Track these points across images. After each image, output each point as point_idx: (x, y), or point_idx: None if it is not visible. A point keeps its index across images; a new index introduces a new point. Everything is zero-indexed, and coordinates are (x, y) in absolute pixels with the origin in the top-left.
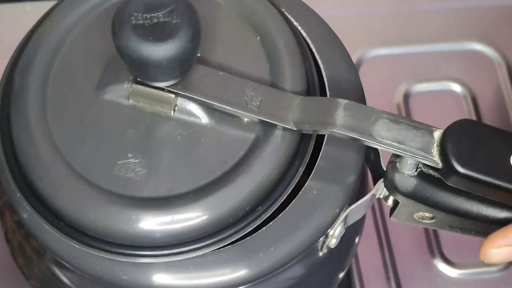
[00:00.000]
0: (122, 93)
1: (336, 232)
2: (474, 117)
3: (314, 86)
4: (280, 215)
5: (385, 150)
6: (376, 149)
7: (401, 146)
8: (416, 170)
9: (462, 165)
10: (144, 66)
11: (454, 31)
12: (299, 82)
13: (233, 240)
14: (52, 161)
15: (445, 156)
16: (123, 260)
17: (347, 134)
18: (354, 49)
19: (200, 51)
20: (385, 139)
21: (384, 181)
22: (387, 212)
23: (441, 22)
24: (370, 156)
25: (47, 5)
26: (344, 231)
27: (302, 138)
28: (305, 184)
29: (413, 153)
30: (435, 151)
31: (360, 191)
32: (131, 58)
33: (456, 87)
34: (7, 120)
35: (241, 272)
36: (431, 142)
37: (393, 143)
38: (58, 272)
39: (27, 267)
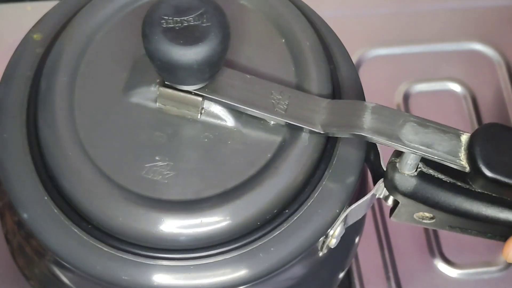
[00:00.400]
0: (149, 95)
1: (336, 232)
2: (474, 117)
3: (339, 89)
4: (281, 215)
5: (413, 153)
6: (376, 149)
7: (429, 149)
8: (416, 170)
9: (490, 169)
10: (174, 69)
11: (454, 31)
12: (325, 84)
13: (259, 244)
14: (80, 163)
15: (473, 160)
16: (151, 263)
17: (374, 137)
18: (354, 49)
19: (227, 54)
20: (412, 143)
21: (384, 181)
22: (387, 212)
23: (441, 22)
24: (370, 156)
25: (47, 5)
26: (344, 231)
27: (328, 140)
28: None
29: (441, 157)
30: (462, 154)
31: (360, 191)
32: (161, 61)
33: (456, 87)
34: (34, 121)
35: (241, 272)
36: (459, 145)
37: (420, 147)
38: (58, 272)
39: (27, 268)
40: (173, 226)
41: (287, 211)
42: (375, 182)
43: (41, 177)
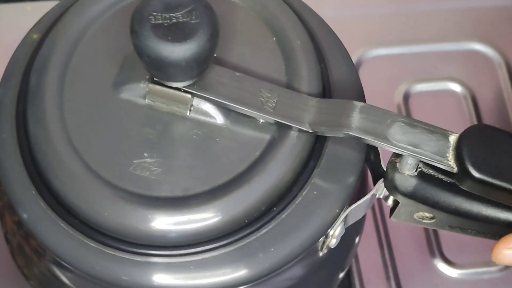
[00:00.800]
0: (138, 92)
1: (336, 232)
2: (474, 117)
3: (330, 88)
4: (279, 214)
5: (400, 153)
6: (376, 149)
7: (416, 149)
8: (416, 170)
9: (478, 170)
10: (162, 66)
11: (454, 31)
12: (315, 83)
13: (247, 241)
14: (68, 158)
15: (461, 161)
16: (138, 259)
17: (362, 136)
18: (354, 49)
19: (217, 51)
20: (400, 143)
21: (384, 181)
22: (387, 212)
23: (441, 22)
24: (370, 156)
25: (47, 5)
26: (344, 231)
27: (317, 139)
28: (305, 184)
29: (428, 157)
30: (450, 155)
31: (360, 191)
32: (150, 57)
33: (456, 87)
34: (23, 116)
35: (241, 273)
36: (447, 146)
37: (408, 147)
38: (58, 272)
39: (27, 268)
40: (161, 222)
41: (275, 209)
42: (375, 182)
43: (30, 173)
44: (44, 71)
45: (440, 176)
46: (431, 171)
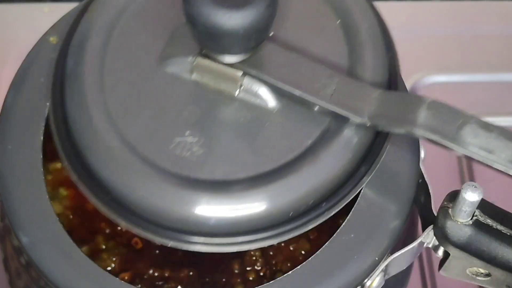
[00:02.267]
0: (185, 66)
1: (374, 284)
2: None
3: (396, 81)
4: (310, 259)
5: (470, 157)
6: (427, 191)
7: (490, 155)
8: (471, 218)
9: None
10: (217, 35)
11: None
12: (380, 72)
13: (291, 236)
14: (105, 131)
15: None
16: (170, 244)
17: (427, 135)
18: (408, 74)
19: (274, 29)
20: (471, 146)
21: (434, 229)
22: (436, 263)
23: (509, 49)
24: (420, 197)
25: (65, 7)
26: (383, 283)
27: (376, 138)
28: (342, 225)
29: (503, 165)
30: None
31: (407, 237)
32: (204, 26)
33: None
34: (60, 86)
35: None
36: None
37: (480, 151)
38: None
39: None
40: (198, 206)
41: (324, 204)
42: (424, 228)
43: (63, 142)
44: (85, 39)
45: (499, 228)
46: (488, 220)
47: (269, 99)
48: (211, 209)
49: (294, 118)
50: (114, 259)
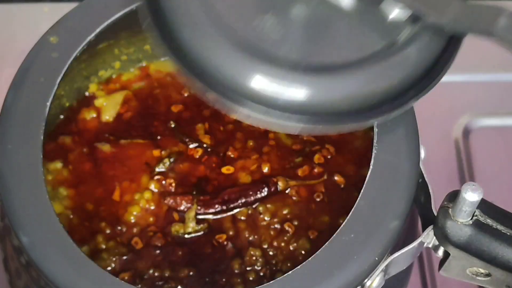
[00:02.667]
0: None
1: (374, 284)
2: None
3: None
4: (310, 259)
5: None
6: (427, 191)
7: None
8: (471, 218)
9: None
10: None
11: None
12: None
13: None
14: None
15: None
16: (228, 102)
17: (508, 38)
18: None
19: None
20: None
21: (434, 229)
22: (436, 263)
23: None
24: (420, 197)
25: (65, 7)
26: (383, 283)
27: (448, 45)
28: (342, 225)
29: None
30: None
31: (407, 237)
32: None
33: None
34: None
35: None
36: None
37: None
38: None
39: None
40: (263, 78)
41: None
42: (424, 228)
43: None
44: None
45: (499, 227)
46: (489, 220)
47: (345, 1)
48: (274, 82)
49: (367, 23)
50: (114, 259)
